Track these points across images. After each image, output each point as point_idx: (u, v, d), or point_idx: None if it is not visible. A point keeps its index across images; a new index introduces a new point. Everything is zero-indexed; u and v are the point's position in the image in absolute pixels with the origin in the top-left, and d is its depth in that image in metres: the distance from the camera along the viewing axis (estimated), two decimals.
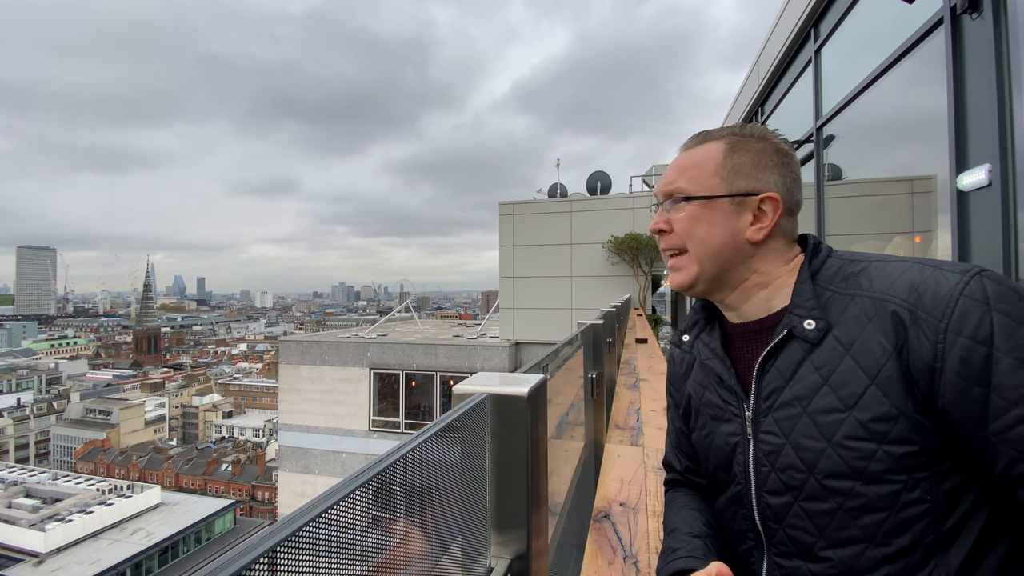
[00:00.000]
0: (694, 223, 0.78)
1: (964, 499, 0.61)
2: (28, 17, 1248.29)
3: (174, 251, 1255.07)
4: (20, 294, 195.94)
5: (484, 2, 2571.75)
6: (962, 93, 2.25)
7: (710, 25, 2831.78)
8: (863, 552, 0.63)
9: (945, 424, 0.61)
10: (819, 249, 0.76)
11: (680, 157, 0.83)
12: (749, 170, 0.77)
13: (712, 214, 0.77)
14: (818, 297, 0.71)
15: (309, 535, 0.38)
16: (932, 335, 0.60)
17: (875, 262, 0.70)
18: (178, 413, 68.96)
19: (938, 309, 0.60)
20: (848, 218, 4.16)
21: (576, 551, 1.53)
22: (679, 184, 0.79)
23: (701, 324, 0.88)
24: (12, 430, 58.50)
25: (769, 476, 0.71)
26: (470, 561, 0.70)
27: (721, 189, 0.77)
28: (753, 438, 0.74)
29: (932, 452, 0.61)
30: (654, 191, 0.87)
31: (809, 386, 0.68)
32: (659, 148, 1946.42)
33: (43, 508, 29.67)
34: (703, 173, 0.78)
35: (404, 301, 22.22)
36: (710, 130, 0.82)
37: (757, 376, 0.74)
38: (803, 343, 0.70)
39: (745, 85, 6.81)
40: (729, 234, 0.76)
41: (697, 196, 0.78)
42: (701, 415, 0.85)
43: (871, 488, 0.62)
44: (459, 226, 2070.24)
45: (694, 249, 0.78)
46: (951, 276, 0.62)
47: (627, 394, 3.07)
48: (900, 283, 0.65)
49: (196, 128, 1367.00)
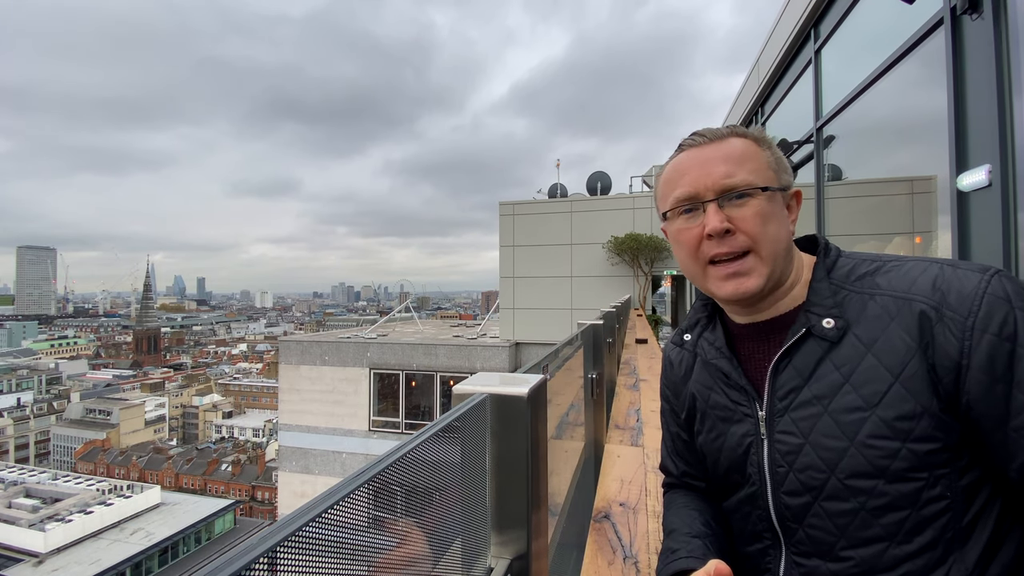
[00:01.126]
0: (765, 220, 0.71)
1: (980, 494, 0.62)
2: (31, 19, 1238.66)
3: (174, 251, 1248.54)
4: (20, 294, 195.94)
5: (482, 6, 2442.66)
6: (962, 93, 2.25)
7: (707, 28, 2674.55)
8: (885, 551, 0.63)
9: (966, 421, 0.61)
10: (830, 248, 0.76)
11: (716, 149, 0.74)
12: (786, 165, 0.76)
13: (777, 209, 0.73)
14: (835, 295, 0.70)
15: (309, 535, 0.38)
16: (959, 332, 0.60)
17: (890, 262, 0.70)
18: (178, 413, 68.96)
19: (964, 307, 0.61)
20: (848, 218, 4.16)
21: (576, 551, 1.53)
22: (743, 176, 0.71)
23: (703, 323, 0.87)
24: (12, 430, 58.50)
25: (787, 476, 0.71)
26: (470, 561, 0.70)
27: (776, 182, 0.73)
28: (768, 438, 0.73)
29: (953, 448, 0.61)
30: (685, 191, 0.75)
31: (830, 385, 0.67)
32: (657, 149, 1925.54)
33: (43, 508, 29.67)
34: (760, 165, 0.73)
35: (404, 301, 22.23)
36: (724, 127, 0.77)
37: (771, 375, 0.73)
38: (821, 342, 0.69)
39: (745, 85, 6.81)
40: (787, 230, 0.74)
41: (771, 188, 0.72)
42: (708, 417, 0.83)
43: (894, 486, 0.62)
44: (459, 226, 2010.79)
45: (766, 249, 0.71)
46: (972, 275, 0.62)
47: (627, 394, 3.07)
48: (922, 282, 0.65)
49: (197, 129, 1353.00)
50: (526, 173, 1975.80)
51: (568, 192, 15.17)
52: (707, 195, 0.73)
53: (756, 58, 6.15)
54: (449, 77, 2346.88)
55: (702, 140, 0.76)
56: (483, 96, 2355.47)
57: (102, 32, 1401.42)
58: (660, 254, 12.77)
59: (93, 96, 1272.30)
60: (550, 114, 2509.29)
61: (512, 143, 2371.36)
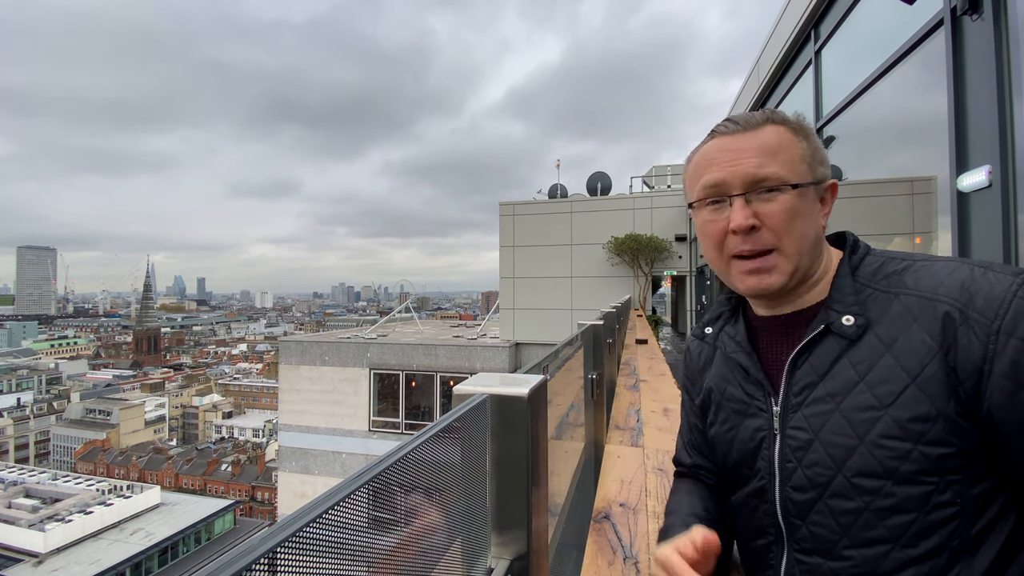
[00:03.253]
0: (794, 216, 0.69)
1: (994, 503, 0.60)
2: (34, 23, 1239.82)
3: (175, 251, 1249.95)
4: (20, 294, 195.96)
5: (479, 14, 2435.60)
6: (962, 94, 2.25)
7: (700, 34, 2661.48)
8: (888, 553, 0.62)
9: (987, 427, 0.59)
10: (858, 245, 0.75)
11: (749, 138, 0.71)
12: (823, 156, 0.74)
13: (806, 204, 0.70)
14: (858, 293, 0.69)
15: (309, 536, 0.37)
16: (983, 336, 0.58)
17: (920, 261, 0.68)
18: (178, 413, 68.94)
19: (990, 310, 0.59)
20: (848, 219, 4.16)
21: (576, 552, 1.53)
22: (773, 170, 0.69)
23: (726, 316, 0.86)
24: (12, 430, 58.48)
25: (795, 472, 0.70)
26: (470, 562, 0.70)
27: (809, 176, 0.71)
28: (780, 433, 0.73)
29: (967, 455, 0.60)
30: (712, 179, 0.73)
31: (844, 382, 0.66)
32: (654, 151, 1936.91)
33: (43, 508, 29.64)
34: (793, 158, 0.70)
35: (404, 301, 22.22)
36: (760, 112, 0.74)
37: (788, 371, 0.72)
38: (840, 339, 0.68)
39: (745, 86, 6.81)
40: (817, 226, 0.72)
41: (802, 184, 0.69)
42: (723, 409, 0.82)
43: (902, 488, 0.61)
44: (459, 227, 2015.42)
45: (793, 246, 0.70)
46: (1004, 278, 0.60)
47: (627, 395, 3.07)
48: (950, 282, 0.63)
49: (198, 131, 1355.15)
50: (525, 174, 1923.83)
51: (568, 192, 15.17)
52: (734, 188, 0.71)
53: (756, 58, 6.16)
54: (447, 81, 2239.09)
55: (735, 128, 0.73)
56: (481, 99, 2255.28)
57: (105, 35, 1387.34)
58: (660, 254, 12.77)
59: (95, 99, 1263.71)
60: (547, 117, 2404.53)
61: (510, 145, 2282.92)
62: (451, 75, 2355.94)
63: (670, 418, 2.44)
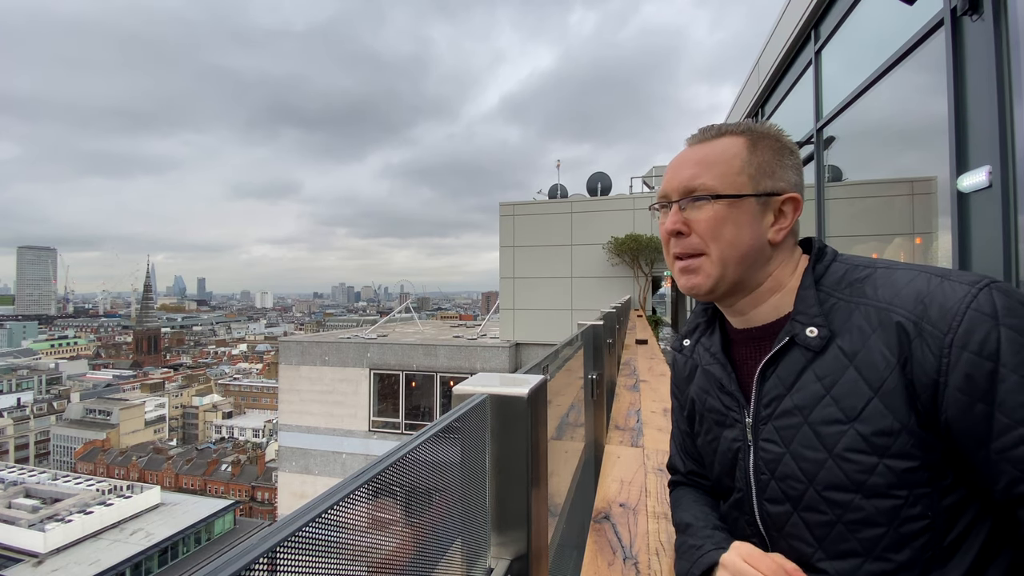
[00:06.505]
0: (720, 224, 0.72)
1: (964, 515, 0.60)
2: (41, 30, 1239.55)
3: (175, 252, 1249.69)
4: (20, 294, 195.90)
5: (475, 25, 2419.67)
6: (962, 95, 2.25)
7: (691, 43, 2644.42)
8: (861, 566, 0.62)
9: (947, 439, 0.59)
10: (824, 253, 0.74)
11: (697, 150, 0.76)
12: (774, 169, 0.74)
13: (739, 214, 0.72)
14: (822, 303, 0.69)
15: (309, 535, 0.37)
16: (936, 349, 0.58)
17: (881, 269, 0.68)
18: (178, 413, 68.90)
19: (944, 322, 0.58)
20: (848, 220, 4.16)
21: (576, 552, 1.52)
22: (704, 180, 0.73)
23: (702, 328, 0.87)
24: (12, 430, 58.45)
25: (769, 484, 0.71)
26: (470, 562, 0.70)
27: (748, 188, 0.73)
28: (753, 445, 0.73)
29: (934, 467, 0.60)
30: (662, 188, 0.80)
31: (810, 395, 0.67)
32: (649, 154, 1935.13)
33: (43, 508, 29.64)
34: (730, 170, 0.73)
35: (404, 302, 22.22)
36: (723, 124, 0.78)
37: (758, 383, 0.73)
38: (805, 351, 0.68)
39: (745, 86, 6.81)
40: (755, 236, 0.73)
41: (727, 195, 0.72)
42: (705, 420, 0.84)
43: (871, 502, 0.61)
44: (458, 228, 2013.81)
45: (718, 252, 0.73)
46: (959, 288, 0.59)
47: (627, 395, 3.07)
48: (906, 293, 0.62)
49: (200, 135, 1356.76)
50: (522, 176, 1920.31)
51: (568, 193, 15.17)
52: (673, 196, 0.77)
53: (756, 59, 6.16)
54: (444, 88, 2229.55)
55: (693, 140, 0.79)
56: (478, 105, 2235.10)
57: (113, 43, 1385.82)
58: (660, 255, 12.76)
59: (101, 104, 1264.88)
60: (542, 122, 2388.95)
61: (507, 149, 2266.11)
62: (448, 82, 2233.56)
63: (670, 418, 2.43)
